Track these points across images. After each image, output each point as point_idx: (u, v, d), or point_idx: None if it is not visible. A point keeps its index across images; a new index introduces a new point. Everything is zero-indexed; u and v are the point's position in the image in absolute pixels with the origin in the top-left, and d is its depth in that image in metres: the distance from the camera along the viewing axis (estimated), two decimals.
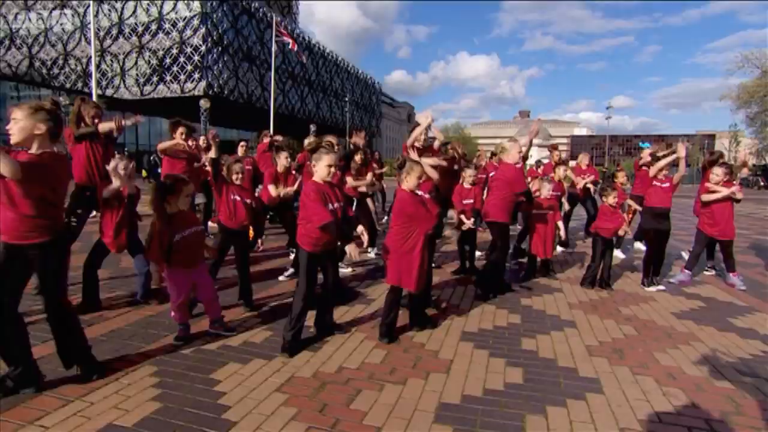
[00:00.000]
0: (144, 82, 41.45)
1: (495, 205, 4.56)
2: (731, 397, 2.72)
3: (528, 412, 2.48)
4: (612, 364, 3.11)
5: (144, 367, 2.95)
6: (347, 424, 2.36)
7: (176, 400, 2.55)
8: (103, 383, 2.72)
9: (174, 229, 3.13)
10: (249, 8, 43.89)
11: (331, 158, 3.29)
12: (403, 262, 3.35)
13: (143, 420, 2.36)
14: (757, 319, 4.24)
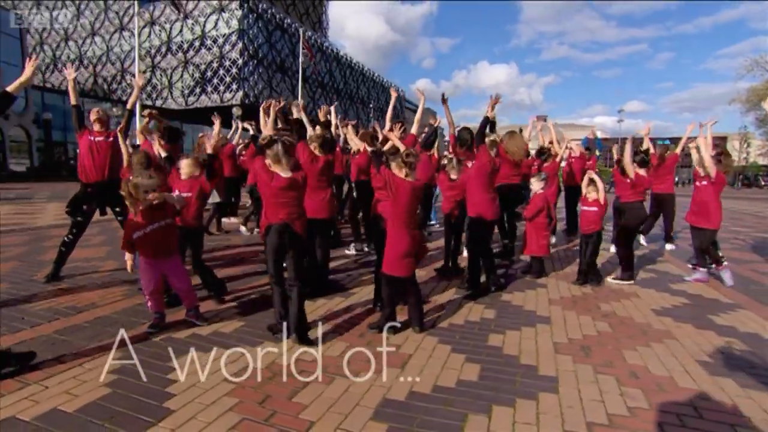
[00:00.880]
0: (188, 93, 42.65)
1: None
2: (693, 398, 2.36)
3: (472, 412, 2.21)
4: (576, 362, 2.78)
5: (109, 353, 2.83)
6: (281, 417, 2.15)
7: (127, 387, 2.42)
8: (65, 368, 2.62)
9: (138, 224, 3.03)
10: (282, 24, 44.46)
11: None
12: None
13: (87, 405, 2.23)
14: (739, 316, 3.78)
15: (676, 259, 6.10)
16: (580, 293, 4.37)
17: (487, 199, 4.13)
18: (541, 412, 2.21)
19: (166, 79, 43.36)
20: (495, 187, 4.31)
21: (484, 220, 4.14)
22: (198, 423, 2.10)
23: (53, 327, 3.24)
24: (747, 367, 2.77)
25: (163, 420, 2.12)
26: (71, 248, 4.44)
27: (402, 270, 3.17)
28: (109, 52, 44.99)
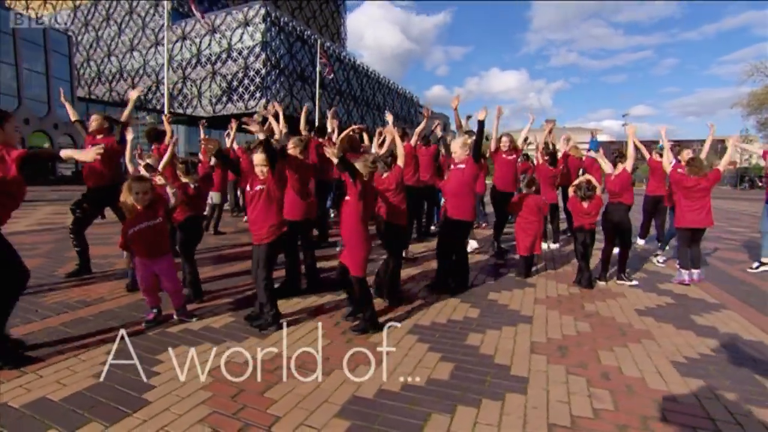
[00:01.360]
0: (216, 102, 43.49)
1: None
2: (660, 400, 2.21)
3: (437, 411, 2.12)
4: (550, 363, 2.65)
5: (106, 345, 2.85)
6: (250, 411, 2.11)
7: (114, 378, 2.41)
8: (63, 358, 2.64)
9: (131, 223, 3.05)
10: (302, 36, 44.90)
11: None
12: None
13: (73, 395, 2.23)
14: (722, 317, 3.57)
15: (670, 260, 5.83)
16: (567, 293, 4.20)
17: (473, 202, 4.04)
18: (505, 413, 2.10)
19: (196, 89, 44.31)
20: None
21: (467, 222, 4.05)
22: (169, 415, 2.08)
23: (60, 320, 3.28)
24: (720, 369, 2.60)
25: (139, 411, 2.10)
26: (83, 244, 4.47)
27: (365, 269, 3.13)
28: (145, 65, 46.24)
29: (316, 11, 64.33)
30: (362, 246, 3.09)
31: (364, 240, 3.10)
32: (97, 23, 48.40)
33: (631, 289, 4.30)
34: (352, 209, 3.08)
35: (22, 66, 25.18)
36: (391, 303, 3.77)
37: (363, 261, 3.09)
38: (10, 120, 2.81)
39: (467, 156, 3.99)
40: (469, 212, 4.01)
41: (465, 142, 4.04)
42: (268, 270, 3.15)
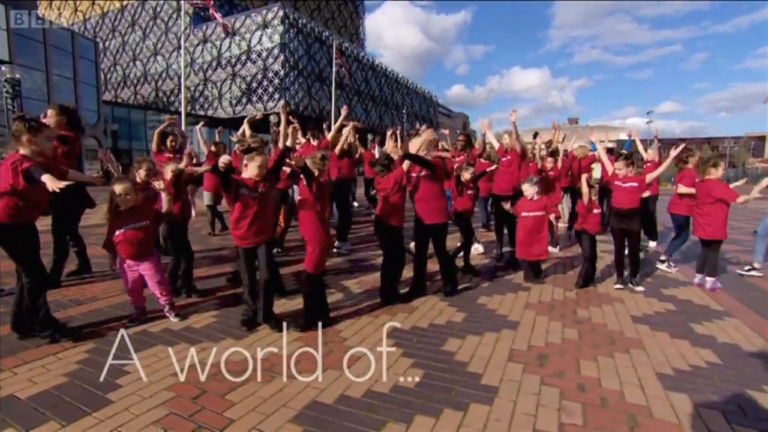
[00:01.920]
0: (236, 103, 44.37)
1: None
2: (635, 415, 2.08)
3: (393, 420, 2.05)
4: (525, 372, 2.54)
5: (86, 344, 2.91)
6: (206, 413, 2.10)
7: (84, 377, 2.46)
8: (40, 355, 2.71)
9: (116, 224, 3.11)
10: (320, 37, 45.27)
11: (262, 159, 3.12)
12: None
13: (40, 393, 2.28)
14: (724, 325, 3.35)
15: (682, 264, 5.54)
16: (563, 297, 4.04)
17: (442, 205, 3.99)
18: (464, 424, 2.01)
19: (217, 90, 45.33)
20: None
21: (441, 225, 3.97)
22: (127, 415, 2.09)
23: None
24: (710, 382, 2.43)
25: (98, 410, 2.12)
26: (80, 244, 4.52)
27: (319, 267, 3.17)
28: (168, 69, 47.61)
29: (334, 12, 64.78)
30: (320, 244, 3.11)
31: (322, 238, 3.12)
32: (123, 29, 50.22)
33: (632, 295, 4.10)
34: (309, 208, 3.13)
35: (52, 72, 26.31)
36: (384, 303, 3.75)
37: (317, 258, 3.13)
38: (43, 130, 2.93)
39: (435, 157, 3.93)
40: (439, 215, 3.92)
41: (424, 141, 3.96)
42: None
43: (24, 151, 2.81)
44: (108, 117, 32.26)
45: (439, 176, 3.91)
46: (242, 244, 3.17)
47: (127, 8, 49.99)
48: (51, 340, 2.94)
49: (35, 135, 2.83)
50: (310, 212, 3.14)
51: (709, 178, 4.32)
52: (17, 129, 2.82)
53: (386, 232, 3.78)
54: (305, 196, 3.13)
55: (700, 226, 4.37)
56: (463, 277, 4.69)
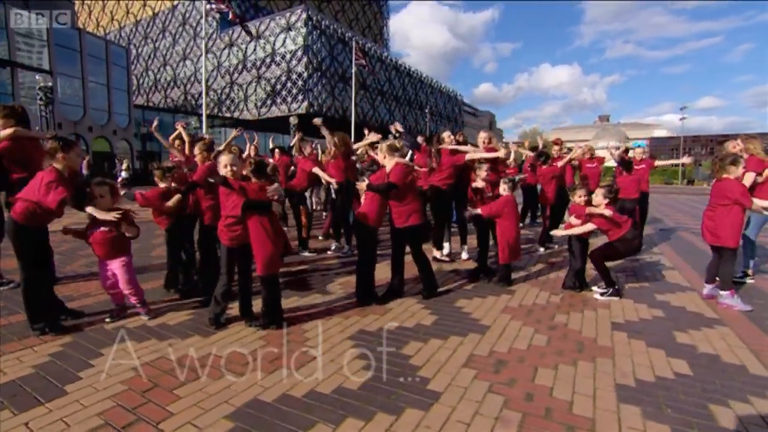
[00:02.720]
0: (261, 105, 45.48)
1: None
2: (574, 428, 1.99)
3: (323, 422, 2.06)
4: (476, 378, 2.49)
5: (63, 338, 3.07)
6: (150, 407, 2.19)
7: (51, 369, 2.60)
8: (18, 347, 2.88)
9: (90, 225, 3.28)
10: (343, 38, 45.73)
11: (228, 159, 3.21)
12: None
13: (5, 383, 2.43)
14: (711, 334, 3.16)
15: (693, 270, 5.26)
16: (545, 302, 3.92)
17: (416, 206, 3.97)
18: (392, 429, 2.00)
19: (242, 93, 46.65)
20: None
21: (416, 227, 3.96)
22: (75, 406, 2.20)
23: None
24: (671, 396, 2.30)
25: (51, 401, 2.25)
26: None
27: (270, 267, 3.22)
28: (196, 73, 49.40)
29: (358, 13, 65.34)
30: (266, 245, 3.15)
31: (267, 239, 3.16)
32: (155, 35, 52.57)
33: (621, 301, 3.93)
34: (250, 215, 3.19)
35: (88, 78, 27.86)
36: (359, 304, 3.78)
37: (266, 259, 3.17)
38: (75, 148, 3.29)
39: (395, 164, 3.91)
40: (414, 217, 3.90)
41: (387, 147, 3.98)
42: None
43: (58, 165, 3.14)
44: (139, 120, 33.79)
45: (408, 187, 3.91)
46: (231, 244, 3.27)
47: (158, 15, 52.31)
48: (40, 332, 3.13)
49: (68, 152, 3.19)
50: (252, 219, 3.17)
51: (727, 177, 3.89)
52: (53, 147, 3.16)
53: (361, 232, 3.80)
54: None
55: (708, 230, 3.99)
56: (477, 278, 4.70)
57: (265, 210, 3.19)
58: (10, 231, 3.11)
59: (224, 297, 3.31)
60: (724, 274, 3.91)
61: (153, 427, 2.03)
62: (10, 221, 3.11)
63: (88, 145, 28.08)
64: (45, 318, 3.19)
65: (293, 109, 42.37)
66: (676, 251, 6.47)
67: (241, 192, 3.12)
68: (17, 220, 3.06)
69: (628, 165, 6.23)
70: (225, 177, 3.14)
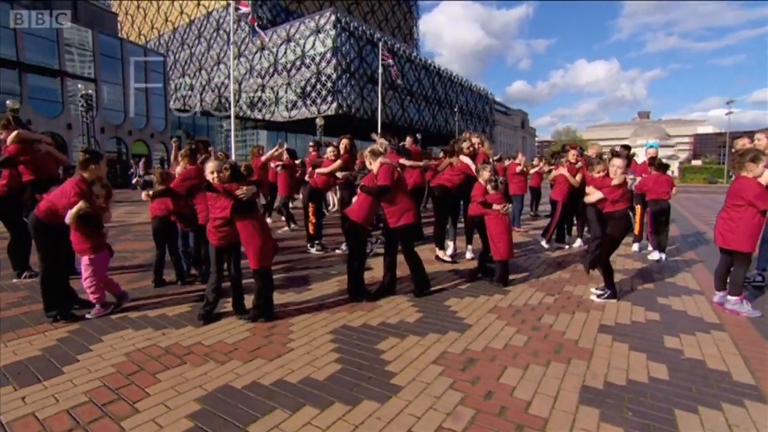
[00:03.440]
0: (291, 107, 46.58)
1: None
2: (524, 427, 2.00)
3: (282, 408, 2.18)
4: (442, 375, 2.53)
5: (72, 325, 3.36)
6: (131, 388, 2.39)
7: (55, 352, 2.87)
8: (31, 333, 3.19)
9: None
10: (372, 39, 46.05)
11: (212, 165, 3.39)
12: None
13: (14, 363, 2.72)
14: (703, 339, 3.04)
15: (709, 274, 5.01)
16: (537, 302, 3.88)
17: (405, 206, 4.04)
18: (343, 418, 2.09)
19: (273, 95, 47.97)
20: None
21: (409, 226, 4.03)
22: (67, 385, 2.43)
23: None
24: (635, 400, 2.25)
25: (49, 380, 2.50)
26: None
27: (262, 260, 3.39)
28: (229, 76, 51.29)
29: (388, 14, 65.65)
30: (254, 239, 3.33)
31: (255, 234, 3.35)
32: (191, 41, 55.09)
33: (617, 303, 3.83)
34: (239, 216, 3.38)
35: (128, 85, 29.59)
36: (351, 300, 3.91)
37: (257, 252, 3.35)
38: (104, 159, 3.72)
39: (380, 165, 4.01)
40: (407, 216, 3.97)
41: (369, 153, 4.10)
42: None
43: (87, 175, 3.51)
44: (175, 123, 35.53)
45: (399, 188, 4.01)
46: (220, 243, 3.48)
47: (194, 22, 54.77)
48: (53, 319, 3.46)
49: (98, 163, 3.59)
50: (242, 219, 3.36)
51: (745, 175, 3.67)
52: (84, 159, 3.54)
53: (350, 229, 3.91)
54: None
55: (720, 232, 3.77)
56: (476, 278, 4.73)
57: (250, 210, 3.37)
58: (32, 226, 3.46)
59: (214, 294, 3.51)
60: (736, 279, 3.71)
61: (129, 405, 2.23)
62: (32, 217, 3.46)
63: (128, 148, 29.86)
64: (58, 306, 3.51)
65: (323, 111, 43.11)
66: (697, 253, 6.17)
67: (227, 194, 3.30)
68: (38, 217, 3.40)
69: (664, 165, 5.98)
70: (209, 182, 3.34)
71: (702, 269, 5.15)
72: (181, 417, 2.12)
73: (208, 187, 3.38)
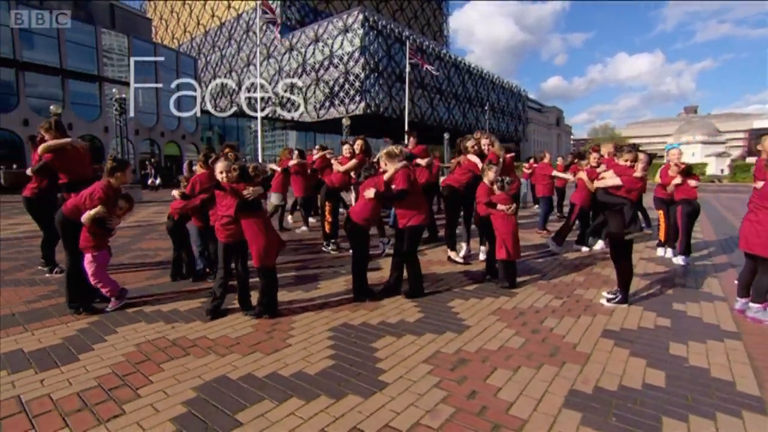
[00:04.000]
0: (319, 107, 47.45)
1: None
2: (500, 426, 2.05)
3: (270, 399, 2.33)
4: (430, 374, 2.60)
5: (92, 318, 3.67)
6: (136, 376, 2.61)
7: (75, 341, 3.15)
8: (56, 323, 3.51)
9: None
10: (400, 37, 46.24)
11: (222, 165, 3.60)
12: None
13: (38, 350, 3.00)
14: (713, 348, 2.96)
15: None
16: (543, 305, 3.87)
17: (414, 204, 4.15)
18: (326, 410, 2.21)
19: (302, 96, 49.01)
20: None
21: (416, 227, 4.13)
22: (81, 370, 2.69)
23: None
24: (623, 406, 2.24)
25: (65, 365, 2.76)
26: None
27: (265, 259, 3.56)
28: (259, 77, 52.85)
29: (417, 11, 65.67)
30: (258, 239, 3.51)
31: (259, 233, 3.52)
32: (222, 43, 57.20)
33: (628, 308, 3.77)
34: (245, 215, 3.57)
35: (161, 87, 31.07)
36: (355, 299, 4.05)
37: (260, 251, 3.51)
38: (129, 167, 4.07)
39: (397, 170, 4.09)
40: (415, 218, 4.07)
41: (385, 155, 4.19)
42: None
43: (113, 181, 3.84)
44: (205, 125, 37.00)
45: (415, 189, 4.14)
46: (227, 240, 3.71)
47: (225, 25, 56.85)
48: (75, 311, 3.79)
49: (123, 171, 3.89)
50: (247, 218, 3.56)
51: None
52: (112, 166, 3.85)
53: (352, 230, 4.05)
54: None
55: (745, 236, 3.61)
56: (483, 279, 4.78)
57: (255, 209, 3.56)
58: (58, 222, 3.81)
59: (221, 290, 3.72)
60: (759, 286, 3.56)
61: (132, 391, 2.44)
62: (59, 214, 3.81)
63: (160, 149, 31.40)
64: (80, 299, 3.83)
65: (351, 111, 43.68)
66: (731, 258, 5.89)
67: (233, 193, 3.51)
68: (65, 214, 3.75)
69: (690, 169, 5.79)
70: (218, 181, 3.56)
71: (732, 275, 4.93)
72: (177, 403, 2.31)
73: (217, 185, 3.61)
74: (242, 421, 2.14)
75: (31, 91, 25.33)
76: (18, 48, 24.46)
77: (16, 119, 24.29)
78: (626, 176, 3.79)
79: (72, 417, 2.19)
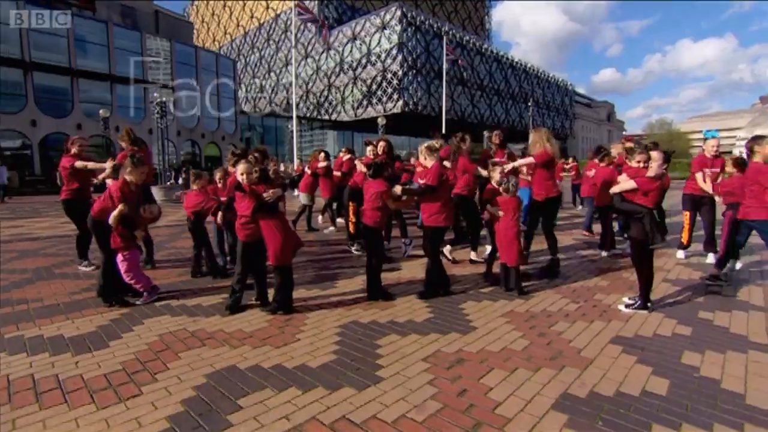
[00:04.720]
0: (357, 106, 48.18)
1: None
2: (482, 423, 2.17)
3: (271, 387, 2.57)
4: (426, 371, 2.75)
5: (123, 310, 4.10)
6: (156, 363, 2.95)
7: (107, 330, 3.57)
8: (92, 314, 3.98)
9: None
10: (439, 32, 46.04)
11: (243, 167, 3.91)
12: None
13: (75, 336, 3.44)
14: (733, 358, 2.91)
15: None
16: (557, 309, 3.89)
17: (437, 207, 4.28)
18: (318, 400, 2.42)
19: (340, 95, 49.97)
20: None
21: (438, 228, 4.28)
22: (109, 355, 3.07)
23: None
24: (615, 413, 2.27)
25: (97, 351, 3.16)
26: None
27: (282, 258, 3.81)
28: (297, 77, 54.48)
29: (457, 4, 65.07)
30: (275, 238, 3.76)
31: (276, 233, 3.77)
32: (260, 44, 59.46)
33: (651, 314, 3.72)
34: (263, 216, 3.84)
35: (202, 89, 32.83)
36: (368, 298, 4.26)
37: (277, 250, 3.77)
38: (144, 165, 4.46)
39: (432, 165, 4.25)
40: (436, 219, 4.24)
41: (426, 149, 4.28)
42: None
43: (129, 177, 4.23)
44: (244, 126, 38.62)
45: (444, 188, 4.32)
46: (246, 239, 4.03)
47: (263, 26, 59.04)
48: (109, 304, 4.24)
49: (140, 168, 4.28)
50: (264, 219, 3.84)
51: None
52: (128, 163, 4.28)
53: (364, 230, 4.26)
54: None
55: None
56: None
57: (272, 211, 3.84)
58: (90, 225, 4.29)
59: (239, 286, 4.04)
60: None
61: (151, 375, 2.78)
62: (89, 217, 4.27)
63: (200, 150, 33.18)
64: (114, 293, 4.28)
65: (389, 109, 44.03)
66: None
67: (252, 195, 3.81)
68: (93, 216, 4.21)
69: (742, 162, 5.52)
70: (239, 183, 3.87)
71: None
72: (188, 388, 2.61)
73: (237, 186, 3.93)
74: (243, 405, 2.40)
75: (84, 96, 27.66)
76: (73, 56, 26.78)
77: (70, 124, 26.60)
78: (640, 178, 3.76)
79: (98, 394, 2.53)
